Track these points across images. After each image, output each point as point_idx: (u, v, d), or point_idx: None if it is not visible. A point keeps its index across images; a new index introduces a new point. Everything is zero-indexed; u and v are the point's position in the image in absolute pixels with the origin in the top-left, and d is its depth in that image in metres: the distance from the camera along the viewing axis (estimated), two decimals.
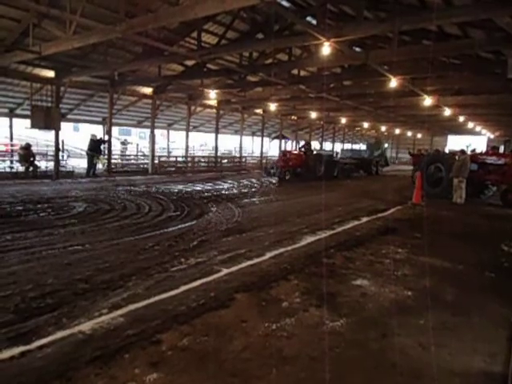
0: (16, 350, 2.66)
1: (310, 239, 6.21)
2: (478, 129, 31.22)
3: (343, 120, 27.05)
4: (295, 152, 18.31)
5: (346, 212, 8.90)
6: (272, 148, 30.46)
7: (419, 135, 40.73)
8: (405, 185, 15.74)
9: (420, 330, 3.25)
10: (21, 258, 4.60)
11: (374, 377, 2.61)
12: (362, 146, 29.79)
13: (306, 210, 9.01)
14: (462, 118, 22.72)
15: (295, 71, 15.06)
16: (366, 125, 30.96)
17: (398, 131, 36.76)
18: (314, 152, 19.09)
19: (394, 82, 11.82)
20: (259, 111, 24.23)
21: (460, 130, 33.09)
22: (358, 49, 12.25)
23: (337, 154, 25.09)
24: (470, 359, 2.85)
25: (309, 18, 10.67)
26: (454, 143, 36.97)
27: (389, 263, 5.10)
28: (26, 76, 13.13)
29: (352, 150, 26.75)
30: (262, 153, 26.73)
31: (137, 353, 2.69)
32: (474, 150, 17.05)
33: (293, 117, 27.20)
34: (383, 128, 33.90)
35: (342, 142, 37.98)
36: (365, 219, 8.17)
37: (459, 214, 9.62)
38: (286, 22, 11.55)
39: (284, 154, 17.57)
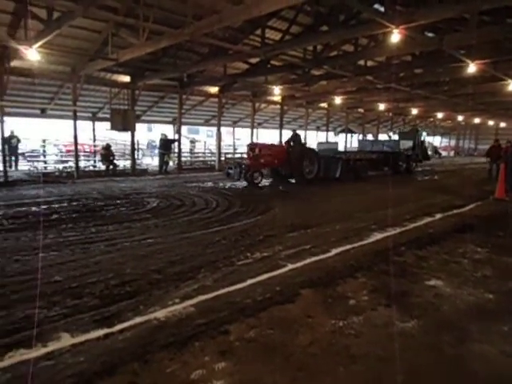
0: (101, 332, 2.93)
1: (378, 236, 5.99)
2: None
3: (414, 111, 25.50)
4: (272, 145, 13.48)
5: (418, 208, 8.42)
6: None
7: (503, 124, 37.00)
8: (480, 180, 14.47)
9: (503, 337, 2.98)
10: (103, 249, 5.04)
11: (449, 382, 2.45)
12: (394, 137, 22.82)
13: (374, 205, 8.68)
14: None
15: (361, 62, 14.51)
16: (439, 115, 28.88)
17: (477, 120, 33.75)
18: (307, 146, 14.52)
19: (472, 68, 10.88)
20: (324, 105, 23.76)
21: None
22: (430, 34, 11.45)
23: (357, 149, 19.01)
24: None
25: (376, 6, 10.21)
26: None
27: (466, 263, 4.74)
28: (105, 82, 14.28)
29: (373, 142, 20.36)
30: None
31: (206, 341, 2.82)
32: None
33: (359, 109, 26.27)
34: (460, 117, 31.34)
35: None
36: (438, 216, 7.67)
37: None
38: (350, 11, 11.18)
39: (252, 148, 12.23)
